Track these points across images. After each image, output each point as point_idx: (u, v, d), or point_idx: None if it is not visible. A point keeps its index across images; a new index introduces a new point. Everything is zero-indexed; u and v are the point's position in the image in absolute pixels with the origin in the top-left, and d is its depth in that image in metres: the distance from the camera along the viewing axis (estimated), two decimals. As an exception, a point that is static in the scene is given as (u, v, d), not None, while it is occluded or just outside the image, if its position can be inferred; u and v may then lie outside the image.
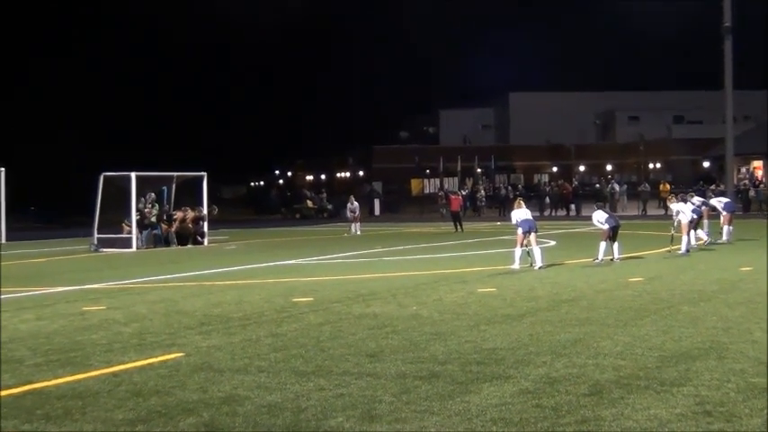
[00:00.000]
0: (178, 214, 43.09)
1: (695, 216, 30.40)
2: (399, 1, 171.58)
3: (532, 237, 25.96)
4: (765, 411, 9.46)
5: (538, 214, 64.83)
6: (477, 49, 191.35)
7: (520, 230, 25.99)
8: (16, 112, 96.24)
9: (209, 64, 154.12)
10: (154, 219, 41.91)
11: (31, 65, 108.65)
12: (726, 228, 33.59)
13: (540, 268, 25.24)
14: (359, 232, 48.71)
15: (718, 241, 32.48)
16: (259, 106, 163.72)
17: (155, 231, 41.82)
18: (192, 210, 43.48)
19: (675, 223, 29.87)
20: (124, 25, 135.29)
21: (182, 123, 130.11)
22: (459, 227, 49.20)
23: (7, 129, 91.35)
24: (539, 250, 26.07)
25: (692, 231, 30.20)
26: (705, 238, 31.78)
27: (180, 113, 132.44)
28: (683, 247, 28.93)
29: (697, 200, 33.99)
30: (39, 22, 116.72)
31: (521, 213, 26.46)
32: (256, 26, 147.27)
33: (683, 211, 29.52)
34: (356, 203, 51.00)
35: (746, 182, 73.18)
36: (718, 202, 35.07)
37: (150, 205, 42.16)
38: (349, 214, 50.84)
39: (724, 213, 34.11)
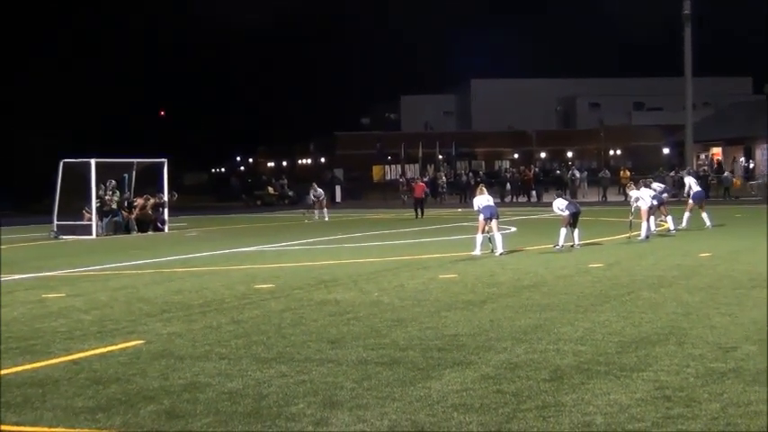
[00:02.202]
0: (138, 201, 42.89)
1: (656, 203, 30.57)
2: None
3: (494, 223, 26.01)
4: (724, 396, 9.53)
5: (499, 201, 65.16)
6: (439, 36, 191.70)
7: (481, 217, 26.03)
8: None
9: (170, 50, 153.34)
10: (114, 206, 41.70)
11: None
12: (687, 214, 33.77)
13: (501, 254, 25.30)
14: (327, 218, 48.73)
15: (679, 227, 32.65)
16: (221, 93, 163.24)
17: (115, 218, 41.62)
18: (153, 197, 43.30)
19: (633, 209, 30.06)
20: (81, 9, 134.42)
21: (143, 109, 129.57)
22: (419, 213, 49.53)
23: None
24: (500, 236, 26.14)
25: (653, 217, 30.40)
26: (672, 225, 31.86)
27: (142, 99, 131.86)
28: (643, 233, 29.09)
29: (657, 186, 34.20)
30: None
31: (482, 200, 26.50)
32: (218, 13, 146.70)
33: (642, 197, 29.69)
34: (320, 190, 51.15)
35: (706, 168, 73.73)
36: (693, 186, 35.07)
37: (111, 192, 41.94)
38: (313, 200, 50.85)
39: (690, 201, 34.34)
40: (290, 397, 9.91)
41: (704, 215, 33.63)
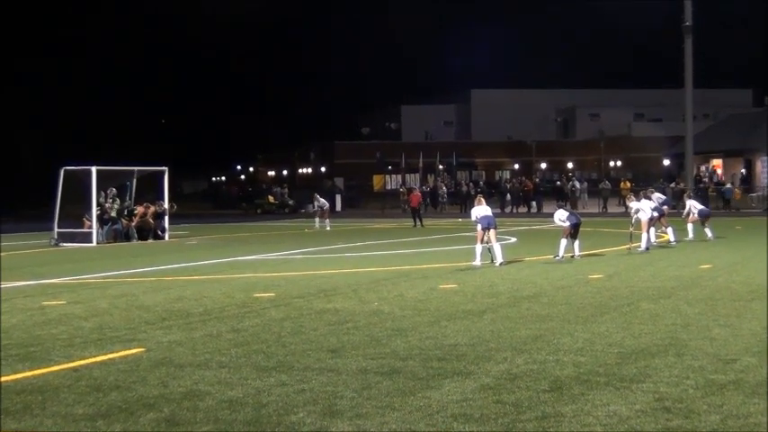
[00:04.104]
0: (139, 209, 42.87)
1: (656, 214, 30.60)
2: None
3: (492, 233, 26.01)
4: (724, 408, 9.54)
5: (499, 211, 65.18)
6: (439, 46, 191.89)
7: (479, 227, 26.06)
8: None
9: (171, 58, 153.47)
10: (114, 213, 41.65)
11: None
12: (690, 225, 33.81)
13: (501, 264, 25.30)
14: (329, 228, 48.73)
15: (686, 239, 32.78)
16: (222, 101, 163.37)
17: (115, 226, 41.59)
18: (153, 204, 43.30)
19: (633, 221, 30.09)
20: (86, 17, 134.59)
21: (143, 117, 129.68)
22: (418, 222, 50.22)
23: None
24: (499, 246, 26.13)
25: (653, 229, 30.43)
26: (672, 237, 31.84)
27: (142, 107, 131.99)
28: (643, 244, 29.12)
29: (657, 196, 34.32)
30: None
31: (480, 210, 26.52)
32: (218, 20, 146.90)
33: (642, 209, 29.74)
34: (323, 200, 51.30)
35: (706, 180, 73.72)
36: (694, 207, 35.06)
37: (111, 200, 41.91)
38: (317, 209, 51.08)
39: (695, 216, 34.36)
40: (289, 406, 9.91)
41: (706, 229, 33.70)
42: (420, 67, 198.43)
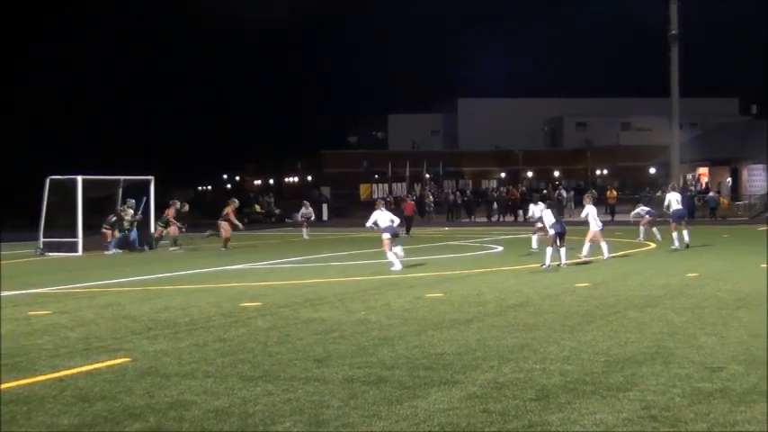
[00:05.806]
0: (168, 211, 42.43)
1: (600, 227, 30.66)
2: (351, 6, 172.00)
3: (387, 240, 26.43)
4: (710, 416, 9.54)
5: (485, 220, 65.30)
6: (426, 55, 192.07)
7: (386, 236, 26.34)
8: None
9: (157, 67, 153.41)
10: (127, 225, 41.27)
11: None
12: (674, 234, 33.84)
13: (394, 270, 25.70)
14: (306, 237, 48.72)
15: (672, 247, 32.92)
16: (207, 110, 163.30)
17: (130, 234, 41.26)
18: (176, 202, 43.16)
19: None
20: (69, 22, 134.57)
21: (128, 126, 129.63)
22: (407, 231, 50.37)
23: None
24: (393, 255, 26.51)
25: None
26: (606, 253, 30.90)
27: (126, 115, 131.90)
28: (585, 250, 29.53)
29: (642, 209, 34.59)
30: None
31: (383, 217, 26.65)
32: (206, 27, 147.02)
33: (594, 217, 30.07)
34: (310, 209, 51.23)
35: (692, 188, 73.86)
36: (673, 203, 35.14)
37: (125, 208, 41.51)
38: (301, 219, 51.09)
39: (671, 221, 34.48)
40: (276, 415, 9.89)
41: (684, 232, 33.80)
42: (407, 77, 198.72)
